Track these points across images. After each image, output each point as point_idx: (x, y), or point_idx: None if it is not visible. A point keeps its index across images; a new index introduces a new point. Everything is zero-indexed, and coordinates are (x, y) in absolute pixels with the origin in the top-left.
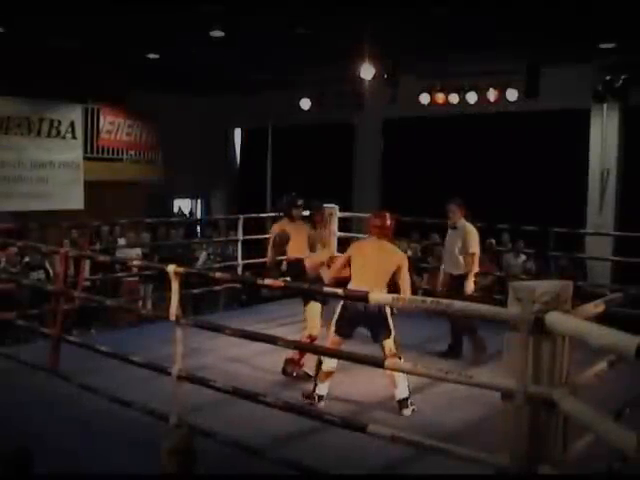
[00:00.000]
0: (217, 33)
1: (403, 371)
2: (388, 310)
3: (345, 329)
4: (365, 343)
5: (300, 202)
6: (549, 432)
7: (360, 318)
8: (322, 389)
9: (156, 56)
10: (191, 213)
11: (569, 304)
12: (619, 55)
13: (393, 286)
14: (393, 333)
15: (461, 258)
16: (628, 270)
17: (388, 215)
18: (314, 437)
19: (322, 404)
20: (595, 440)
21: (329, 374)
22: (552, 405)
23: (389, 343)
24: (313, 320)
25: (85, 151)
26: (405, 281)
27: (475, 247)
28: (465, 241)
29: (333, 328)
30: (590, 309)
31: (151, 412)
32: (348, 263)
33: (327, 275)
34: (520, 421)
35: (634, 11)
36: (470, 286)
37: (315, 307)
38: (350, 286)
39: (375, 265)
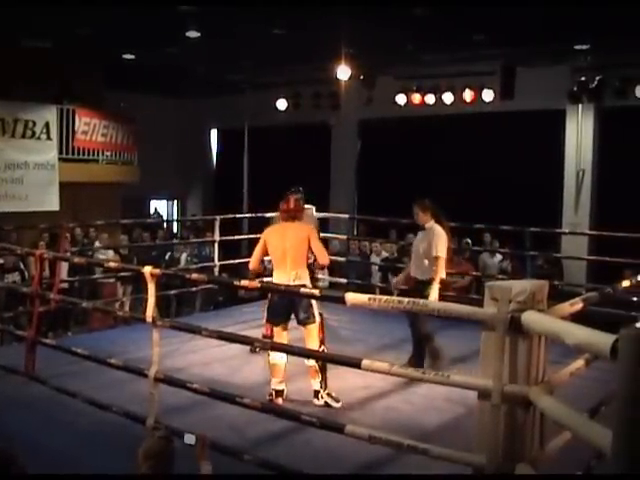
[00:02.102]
0: (193, 33)
1: (379, 371)
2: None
3: (275, 316)
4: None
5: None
6: (526, 431)
7: (286, 304)
8: (277, 385)
9: (132, 56)
10: (159, 215)
11: (545, 303)
12: (594, 56)
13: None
14: (318, 319)
15: (425, 261)
16: (604, 269)
17: (292, 197)
18: (292, 438)
19: (280, 400)
20: (572, 438)
21: (275, 367)
22: (528, 404)
23: (313, 328)
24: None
25: (60, 152)
26: (318, 249)
27: (441, 251)
28: (430, 244)
29: (265, 317)
30: (566, 308)
31: (128, 414)
32: (265, 251)
33: (251, 267)
34: (497, 420)
35: (608, 13)
36: (434, 294)
37: None
38: (274, 272)
39: (288, 246)
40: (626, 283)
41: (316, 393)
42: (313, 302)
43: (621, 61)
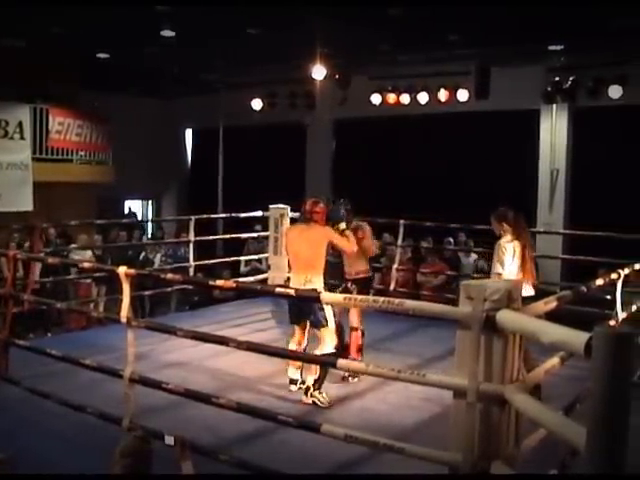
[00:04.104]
0: (168, 33)
1: (355, 371)
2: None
3: (290, 316)
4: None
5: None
6: (501, 429)
7: (299, 307)
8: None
9: (106, 56)
10: (134, 215)
11: (520, 302)
12: (567, 57)
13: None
14: (332, 325)
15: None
16: (578, 268)
17: (310, 199)
18: (268, 438)
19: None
20: (547, 435)
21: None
22: (504, 402)
23: (325, 332)
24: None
25: (34, 152)
26: (340, 242)
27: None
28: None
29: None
30: (540, 307)
31: (103, 415)
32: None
33: None
34: (472, 419)
35: (582, 13)
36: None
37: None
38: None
39: (301, 249)
40: (600, 281)
41: (294, 381)
42: (326, 307)
43: (594, 61)
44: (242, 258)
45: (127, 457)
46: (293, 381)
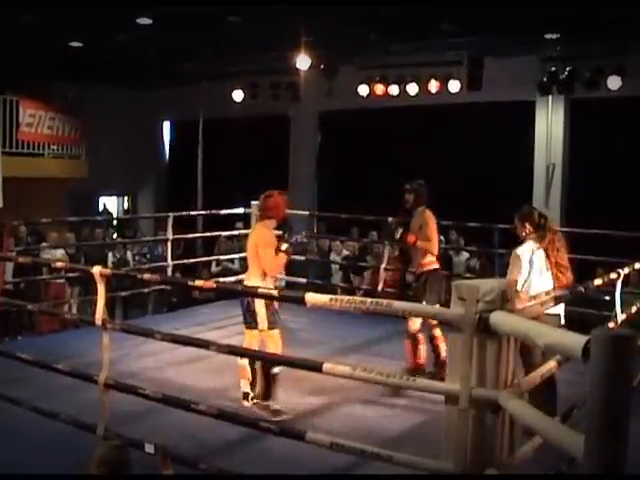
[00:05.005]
0: (145, 20)
1: (342, 376)
2: (259, 302)
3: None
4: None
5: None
6: (495, 436)
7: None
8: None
9: (79, 44)
10: (109, 212)
11: (514, 303)
12: (564, 46)
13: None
14: (263, 325)
15: None
16: (575, 267)
17: (265, 195)
18: (250, 446)
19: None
20: (543, 443)
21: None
22: (498, 408)
23: (249, 334)
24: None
25: (3, 145)
26: (263, 255)
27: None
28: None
29: None
30: (536, 308)
31: (77, 423)
32: None
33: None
34: (464, 425)
35: (579, 1)
36: None
37: None
38: None
39: (247, 249)
40: (598, 281)
41: (245, 395)
42: (261, 311)
43: (592, 51)
44: (212, 258)
45: (103, 467)
46: (246, 395)
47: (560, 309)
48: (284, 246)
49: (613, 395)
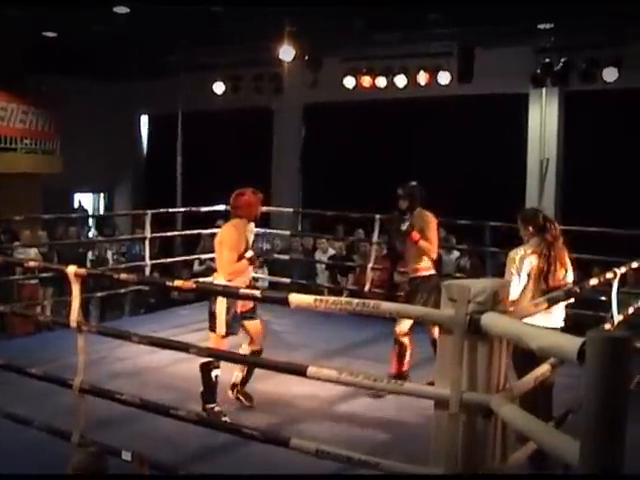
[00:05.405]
0: (121, 9)
1: (328, 380)
2: (219, 306)
3: None
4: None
5: None
6: (487, 442)
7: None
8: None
9: (54, 34)
10: (84, 209)
11: (507, 304)
12: (558, 36)
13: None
14: (221, 331)
15: None
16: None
17: (237, 192)
18: (231, 452)
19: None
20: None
21: None
22: (489, 413)
23: (212, 337)
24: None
25: None
26: (227, 255)
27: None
28: None
29: None
30: (529, 309)
31: (51, 429)
32: None
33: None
34: (455, 431)
35: None
36: None
37: None
38: None
39: (216, 248)
40: (594, 281)
41: (233, 386)
42: (221, 314)
43: (588, 42)
44: (197, 257)
45: (79, 475)
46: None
47: (559, 321)
48: (249, 254)
49: (610, 398)
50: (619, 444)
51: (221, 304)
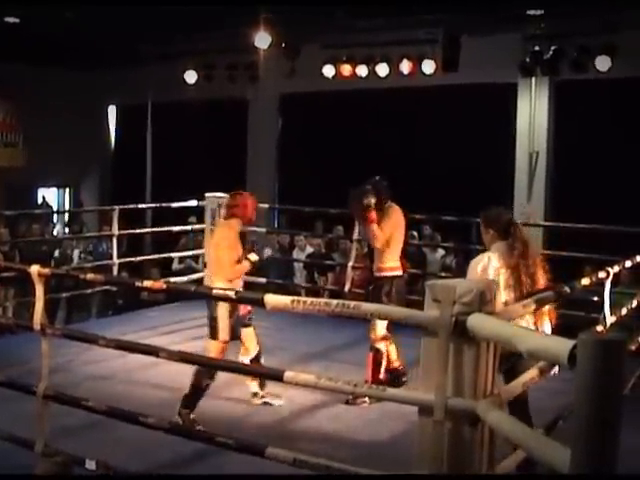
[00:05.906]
0: None
1: (305, 385)
2: (221, 309)
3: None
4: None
5: None
6: (473, 450)
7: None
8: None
9: (16, 20)
10: (48, 205)
11: (494, 305)
12: (548, 23)
13: None
14: (225, 336)
15: None
16: (560, 265)
17: (238, 192)
18: (205, 462)
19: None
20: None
21: None
22: (476, 420)
23: (209, 345)
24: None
25: None
26: (221, 260)
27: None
28: None
29: None
30: (518, 310)
31: (13, 438)
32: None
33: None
34: (440, 438)
35: None
36: None
37: None
38: None
39: (210, 250)
40: (586, 281)
41: (254, 394)
42: (224, 318)
43: (579, 29)
44: (174, 255)
45: None
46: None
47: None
48: (253, 257)
49: (602, 403)
50: (612, 449)
51: (223, 308)
